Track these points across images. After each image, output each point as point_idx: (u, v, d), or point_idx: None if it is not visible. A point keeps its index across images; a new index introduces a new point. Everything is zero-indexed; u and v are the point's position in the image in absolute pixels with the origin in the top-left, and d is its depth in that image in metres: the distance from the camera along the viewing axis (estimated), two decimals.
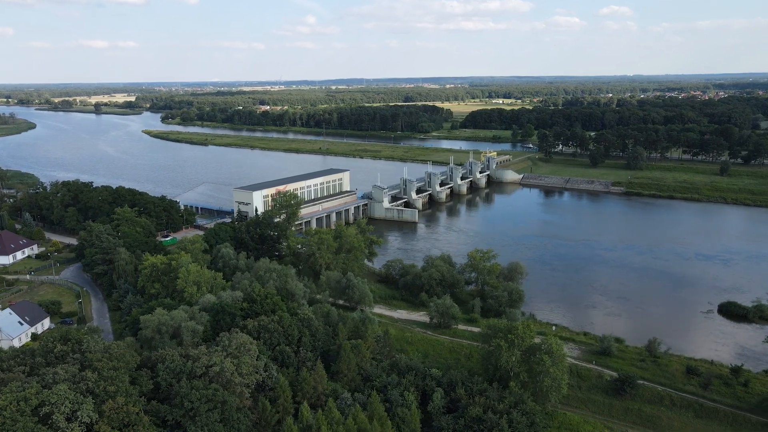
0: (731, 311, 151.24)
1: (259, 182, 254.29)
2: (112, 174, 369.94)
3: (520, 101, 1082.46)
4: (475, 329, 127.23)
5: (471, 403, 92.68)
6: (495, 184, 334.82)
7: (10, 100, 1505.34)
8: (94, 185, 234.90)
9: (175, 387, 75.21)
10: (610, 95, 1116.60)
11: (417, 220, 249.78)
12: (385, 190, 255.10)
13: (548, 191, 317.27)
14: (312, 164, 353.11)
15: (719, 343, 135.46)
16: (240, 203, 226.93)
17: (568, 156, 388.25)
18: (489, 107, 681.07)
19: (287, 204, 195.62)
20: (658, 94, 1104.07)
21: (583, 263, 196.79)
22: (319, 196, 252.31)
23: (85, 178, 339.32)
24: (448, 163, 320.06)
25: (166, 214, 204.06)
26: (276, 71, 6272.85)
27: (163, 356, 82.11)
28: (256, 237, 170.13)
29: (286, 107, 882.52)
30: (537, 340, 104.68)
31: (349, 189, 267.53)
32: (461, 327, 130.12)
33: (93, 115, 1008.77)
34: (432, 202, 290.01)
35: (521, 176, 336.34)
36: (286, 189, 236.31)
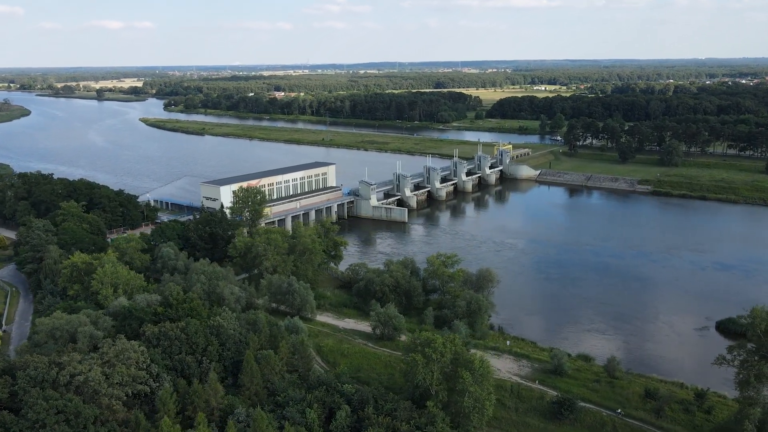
0: (729, 328, 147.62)
1: (233, 176, 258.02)
2: (93, 166, 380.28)
3: (565, 87, 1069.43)
4: None
5: (376, 423, 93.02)
6: (508, 181, 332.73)
7: (12, 84, 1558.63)
8: (72, 178, 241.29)
9: (26, 396, 77.79)
10: (670, 81, 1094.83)
11: (406, 220, 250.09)
12: (373, 186, 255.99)
13: (566, 189, 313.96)
14: (311, 157, 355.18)
15: (703, 364, 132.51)
16: (207, 198, 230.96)
17: (595, 150, 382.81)
18: (520, 95, 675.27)
19: (249, 200, 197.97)
20: (725, 79, 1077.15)
21: (582, 272, 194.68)
22: (298, 191, 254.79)
23: (62, 169, 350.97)
24: (455, 157, 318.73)
25: (123, 209, 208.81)
26: (303, 54, 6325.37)
27: (27, 363, 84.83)
28: (204, 236, 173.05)
29: (301, 93, 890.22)
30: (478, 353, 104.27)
31: (334, 184, 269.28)
32: (407, 339, 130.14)
33: (95, 102, 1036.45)
34: (431, 201, 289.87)
35: (538, 172, 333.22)
36: (260, 184, 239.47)
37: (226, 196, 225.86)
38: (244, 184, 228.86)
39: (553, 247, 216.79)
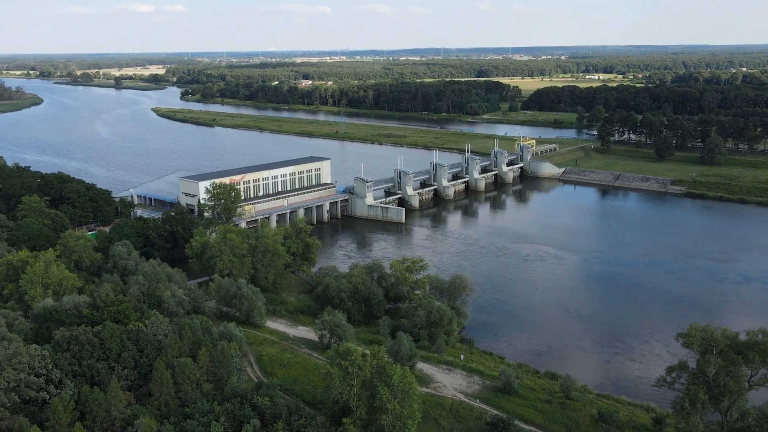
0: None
1: (216, 171, 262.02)
2: (89, 158, 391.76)
3: (621, 77, 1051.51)
4: None
5: None
6: (529, 180, 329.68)
7: (32, 72, 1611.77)
8: (65, 171, 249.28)
9: None
10: (742, 69, 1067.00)
11: (403, 220, 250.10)
12: (369, 184, 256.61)
13: (592, 189, 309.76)
14: (322, 150, 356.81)
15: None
16: (186, 195, 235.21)
17: (631, 146, 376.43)
18: (561, 84, 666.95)
19: (222, 197, 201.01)
20: None
21: (584, 281, 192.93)
22: (288, 188, 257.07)
23: (56, 161, 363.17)
24: (467, 152, 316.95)
25: (93, 204, 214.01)
26: (343, 39, 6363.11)
27: None
28: (164, 235, 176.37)
29: (328, 82, 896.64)
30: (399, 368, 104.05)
31: (329, 181, 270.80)
32: (331, 351, 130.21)
33: (112, 90, 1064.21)
34: (438, 200, 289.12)
35: (562, 170, 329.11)
36: (244, 179, 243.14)
37: (204, 192, 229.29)
38: (227, 180, 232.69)
39: (559, 253, 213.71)
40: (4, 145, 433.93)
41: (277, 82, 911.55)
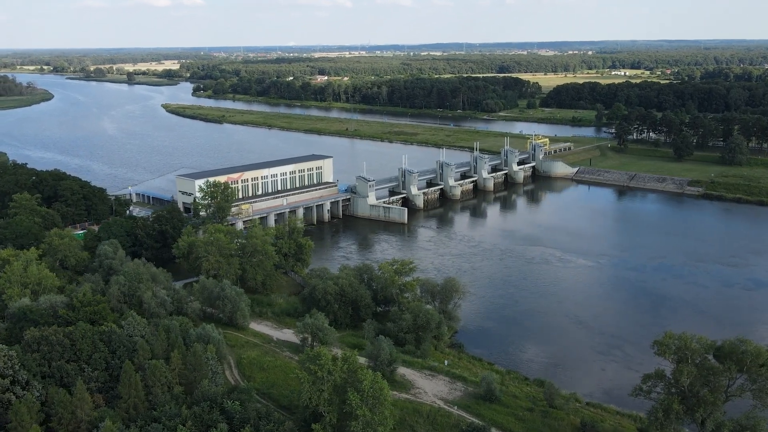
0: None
1: (213, 169, 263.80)
2: (92, 155, 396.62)
3: (648, 72, 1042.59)
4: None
5: None
6: (541, 180, 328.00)
7: (46, 67, 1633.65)
8: (67, 168, 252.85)
9: None
10: None
11: (405, 220, 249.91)
12: (371, 183, 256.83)
13: (605, 190, 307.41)
14: (329, 148, 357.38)
15: None
16: (183, 193, 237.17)
17: (649, 145, 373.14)
18: (581, 81, 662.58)
19: (216, 195, 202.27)
20: None
21: (588, 286, 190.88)
22: (288, 187, 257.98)
23: (59, 158, 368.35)
24: (475, 151, 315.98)
25: (87, 202, 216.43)
26: (364, 34, 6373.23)
27: None
28: (153, 234, 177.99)
29: (344, 78, 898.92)
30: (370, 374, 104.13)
31: (331, 179, 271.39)
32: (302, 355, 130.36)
33: (125, 86, 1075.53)
34: (444, 200, 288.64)
35: (575, 170, 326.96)
36: (243, 177, 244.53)
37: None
38: (224, 178, 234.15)
39: (564, 256, 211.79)
40: (9, 142, 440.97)
41: (291, 78, 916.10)
